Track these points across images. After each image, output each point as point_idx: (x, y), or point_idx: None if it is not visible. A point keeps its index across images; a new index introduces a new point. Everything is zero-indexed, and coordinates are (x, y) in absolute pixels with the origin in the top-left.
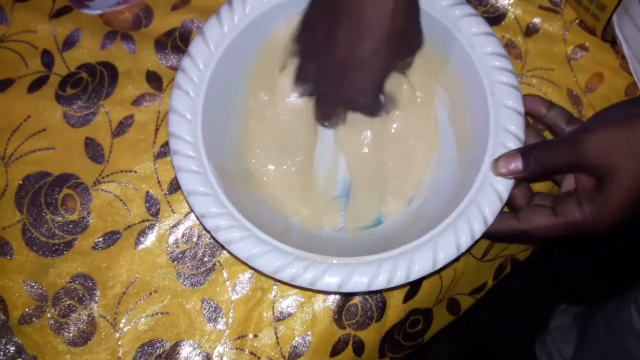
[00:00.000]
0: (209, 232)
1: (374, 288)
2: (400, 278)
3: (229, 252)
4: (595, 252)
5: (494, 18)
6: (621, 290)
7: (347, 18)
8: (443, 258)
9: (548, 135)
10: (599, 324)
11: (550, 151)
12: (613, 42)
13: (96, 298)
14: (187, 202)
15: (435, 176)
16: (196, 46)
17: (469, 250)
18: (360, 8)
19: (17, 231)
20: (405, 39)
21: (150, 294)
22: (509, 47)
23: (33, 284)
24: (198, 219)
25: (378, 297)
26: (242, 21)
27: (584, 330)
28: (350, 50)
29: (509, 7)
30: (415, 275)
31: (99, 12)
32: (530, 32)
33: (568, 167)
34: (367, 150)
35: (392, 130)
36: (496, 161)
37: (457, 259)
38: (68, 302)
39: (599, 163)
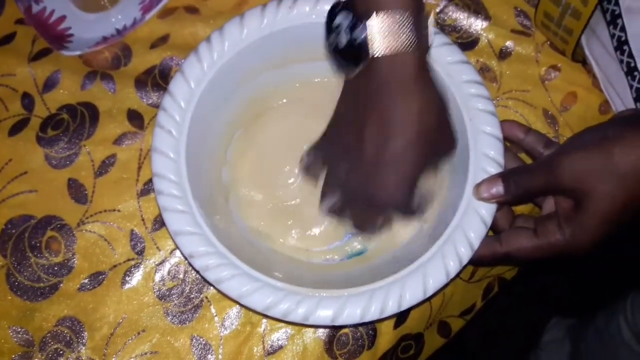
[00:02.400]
0: (197, 272)
1: (367, 319)
2: (392, 308)
3: (218, 290)
4: (580, 266)
5: (468, 43)
6: (609, 301)
7: (373, 118)
8: (433, 285)
9: (525, 157)
10: (590, 336)
11: (529, 175)
12: (584, 62)
13: (84, 340)
14: (174, 242)
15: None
16: (176, 84)
17: (457, 276)
18: (386, 108)
19: (1, 276)
20: (435, 138)
21: (139, 333)
22: (484, 70)
23: (19, 330)
24: (186, 259)
25: (368, 325)
26: (222, 58)
27: (576, 344)
28: (378, 150)
29: (482, 32)
30: (407, 304)
31: (78, 52)
32: (504, 55)
33: (547, 189)
34: None
35: None
36: (478, 186)
37: (445, 285)
38: (55, 346)
39: (575, 186)
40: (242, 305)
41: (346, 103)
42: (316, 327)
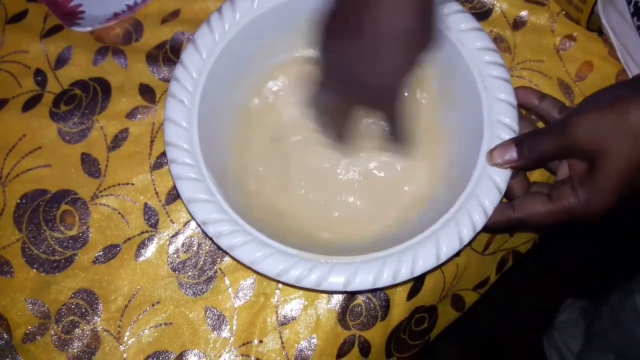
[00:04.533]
0: (211, 238)
1: (379, 285)
2: (405, 274)
3: (232, 257)
4: (595, 244)
5: (481, 13)
6: (624, 281)
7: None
8: (446, 252)
9: (542, 125)
10: (604, 316)
11: (542, 138)
12: (599, 32)
13: (99, 312)
14: (187, 210)
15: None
16: (188, 55)
17: (470, 243)
18: None
19: (16, 250)
20: (428, 30)
21: (153, 305)
22: (498, 41)
23: (35, 302)
24: (199, 226)
25: (382, 296)
26: (233, 28)
27: (590, 324)
28: (380, 28)
29: (495, 2)
30: (419, 270)
31: (89, 29)
32: (518, 26)
33: (561, 152)
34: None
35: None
36: (491, 152)
37: (458, 253)
38: (71, 318)
39: (590, 146)
40: (255, 272)
41: None
42: (329, 292)
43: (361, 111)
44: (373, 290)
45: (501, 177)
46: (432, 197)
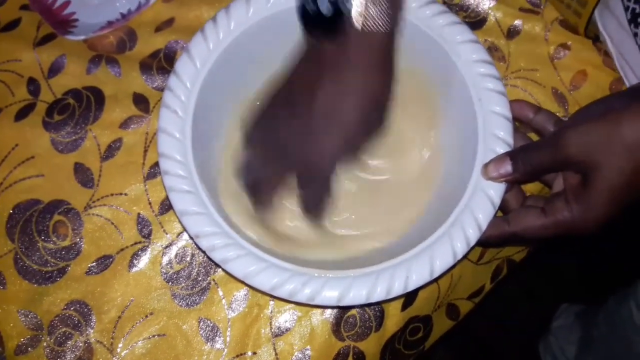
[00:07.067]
0: (204, 252)
1: (373, 300)
2: (398, 288)
3: (225, 271)
4: (591, 250)
5: (476, 22)
6: (620, 287)
7: (333, 81)
8: (440, 266)
9: (535, 137)
10: (600, 322)
11: (536, 151)
12: (596, 39)
13: (92, 324)
14: (180, 222)
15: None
16: (182, 64)
17: (464, 257)
18: (350, 77)
19: (9, 261)
20: (378, 121)
21: (146, 316)
22: (492, 50)
23: (27, 314)
24: (192, 239)
25: (376, 307)
26: (227, 37)
27: (586, 329)
28: (327, 109)
29: (490, 11)
30: (413, 285)
31: (82, 37)
32: (512, 35)
33: (554, 165)
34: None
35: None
36: (486, 166)
37: (453, 266)
38: (64, 330)
39: (582, 158)
40: (248, 286)
41: (305, 68)
42: (322, 307)
43: (288, 183)
44: (367, 305)
45: (495, 191)
46: (425, 211)
